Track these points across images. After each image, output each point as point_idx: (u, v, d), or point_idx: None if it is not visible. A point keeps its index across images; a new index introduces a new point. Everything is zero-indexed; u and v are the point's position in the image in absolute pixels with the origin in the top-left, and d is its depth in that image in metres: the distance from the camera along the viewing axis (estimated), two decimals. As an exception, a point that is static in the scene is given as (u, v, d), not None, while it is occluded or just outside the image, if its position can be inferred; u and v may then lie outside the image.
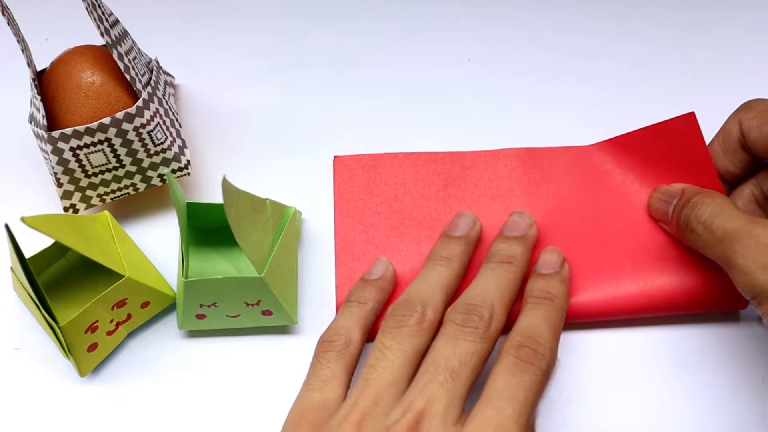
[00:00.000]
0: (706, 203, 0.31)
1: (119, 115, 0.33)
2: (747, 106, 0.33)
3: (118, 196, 0.36)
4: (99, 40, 0.35)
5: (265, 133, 0.41)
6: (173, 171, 0.36)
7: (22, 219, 0.27)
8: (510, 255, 0.31)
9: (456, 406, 0.25)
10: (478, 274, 0.31)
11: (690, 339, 0.34)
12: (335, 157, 0.37)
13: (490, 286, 0.29)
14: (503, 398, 0.25)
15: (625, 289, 0.33)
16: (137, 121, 0.33)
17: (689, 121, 0.34)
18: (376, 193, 0.36)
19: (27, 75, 0.36)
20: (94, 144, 0.33)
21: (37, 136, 0.34)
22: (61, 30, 0.43)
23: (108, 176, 0.35)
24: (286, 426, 0.27)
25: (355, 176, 0.37)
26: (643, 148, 0.35)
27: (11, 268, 0.34)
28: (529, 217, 0.34)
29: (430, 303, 0.29)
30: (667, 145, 0.35)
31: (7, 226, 0.29)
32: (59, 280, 0.35)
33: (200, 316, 0.33)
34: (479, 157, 0.37)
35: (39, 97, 0.34)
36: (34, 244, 0.33)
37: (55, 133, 0.33)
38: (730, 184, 0.35)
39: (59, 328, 0.30)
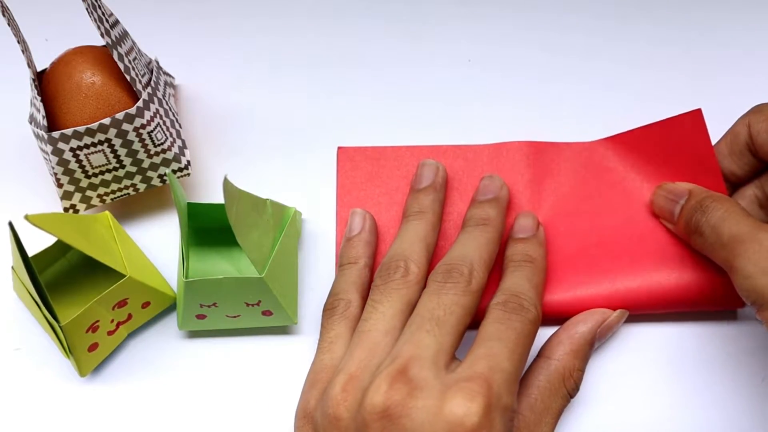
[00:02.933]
0: (716, 207, 0.30)
1: (119, 115, 0.33)
2: (758, 110, 0.34)
3: (118, 197, 0.36)
4: (99, 41, 0.35)
5: (266, 134, 0.41)
6: (173, 171, 0.36)
7: (26, 217, 0.27)
8: (484, 217, 0.32)
9: (445, 353, 0.26)
10: (456, 238, 0.32)
11: (689, 338, 0.34)
12: (339, 147, 0.38)
13: (468, 247, 0.30)
14: (493, 339, 0.26)
15: (624, 285, 0.33)
16: (137, 122, 0.33)
17: (695, 118, 0.34)
18: (378, 184, 0.37)
19: (27, 75, 0.36)
20: (94, 144, 0.33)
21: (37, 136, 0.34)
22: (62, 30, 0.43)
23: (108, 177, 0.35)
24: (304, 390, 0.29)
25: (357, 167, 0.37)
26: (648, 144, 0.35)
27: (12, 268, 0.34)
28: (498, 179, 0.34)
29: (411, 257, 0.30)
30: (671, 142, 0.35)
31: (10, 224, 0.30)
32: (60, 280, 0.35)
33: (200, 317, 0.33)
34: (482, 151, 0.37)
35: (39, 98, 0.34)
36: (34, 244, 0.33)
37: (55, 134, 0.33)
38: (733, 185, 0.35)
39: (60, 327, 0.30)
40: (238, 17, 0.46)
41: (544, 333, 0.32)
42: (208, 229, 0.36)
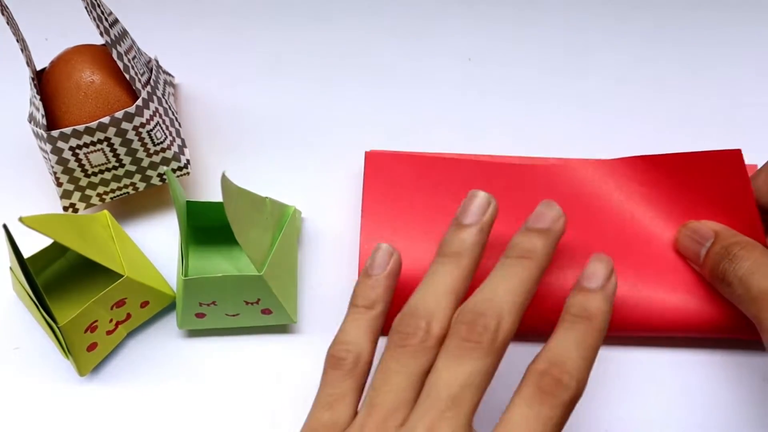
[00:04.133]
0: (744, 257, 0.30)
1: (119, 114, 0.33)
2: None
3: (118, 196, 0.36)
4: (98, 40, 0.35)
5: (265, 133, 0.41)
6: (173, 170, 0.36)
7: (21, 219, 0.27)
8: (528, 249, 0.28)
9: (462, 430, 0.24)
10: (492, 271, 0.28)
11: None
12: (367, 152, 0.37)
13: (501, 289, 0.27)
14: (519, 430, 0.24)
15: (657, 307, 0.33)
16: (137, 121, 0.33)
17: (734, 157, 0.33)
18: (405, 190, 0.36)
19: (26, 74, 0.36)
20: (93, 143, 0.33)
21: (36, 135, 0.34)
22: (61, 29, 0.43)
23: (107, 176, 0.35)
24: None
25: (385, 172, 0.36)
26: (681, 172, 0.34)
27: (10, 268, 0.34)
28: (557, 209, 0.29)
29: (436, 314, 0.27)
30: (707, 176, 0.34)
31: (5, 227, 0.29)
32: (59, 279, 0.35)
33: (200, 315, 0.33)
34: (514, 168, 0.36)
35: (38, 97, 0.34)
36: (33, 243, 0.33)
37: (55, 133, 0.33)
38: None
39: (58, 327, 0.30)
40: (238, 17, 0.46)
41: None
42: (207, 227, 0.36)
